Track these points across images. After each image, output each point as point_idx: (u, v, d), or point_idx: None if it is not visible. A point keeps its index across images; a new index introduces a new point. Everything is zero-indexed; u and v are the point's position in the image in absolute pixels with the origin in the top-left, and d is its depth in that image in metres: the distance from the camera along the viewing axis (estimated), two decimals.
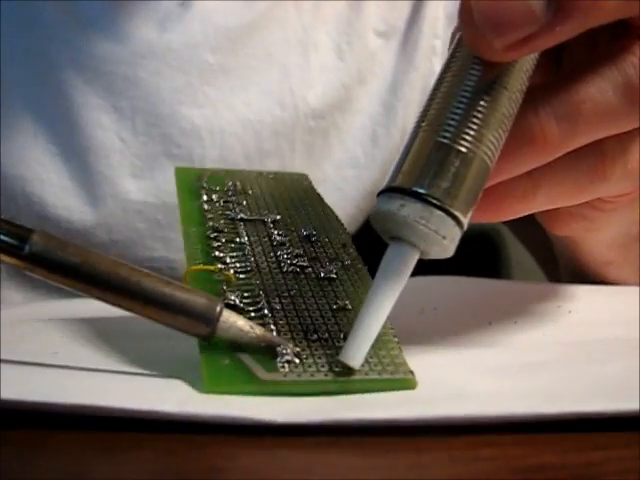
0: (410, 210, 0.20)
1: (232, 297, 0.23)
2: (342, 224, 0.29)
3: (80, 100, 0.44)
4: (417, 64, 0.49)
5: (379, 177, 0.49)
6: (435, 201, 0.20)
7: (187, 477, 0.17)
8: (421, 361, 0.22)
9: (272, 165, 0.46)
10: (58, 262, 0.21)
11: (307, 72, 0.47)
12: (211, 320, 0.21)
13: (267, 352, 0.21)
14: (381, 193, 0.21)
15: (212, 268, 0.24)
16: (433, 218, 0.20)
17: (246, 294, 0.23)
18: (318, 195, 0.31)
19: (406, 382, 0.21)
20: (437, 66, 0.49)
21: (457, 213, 0.20)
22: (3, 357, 0.23)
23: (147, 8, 0.44)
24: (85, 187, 0.44)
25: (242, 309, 0.23)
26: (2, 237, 0.21)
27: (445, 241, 0.20)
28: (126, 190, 0.44)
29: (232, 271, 0.24)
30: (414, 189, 0.20)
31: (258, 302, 0.23)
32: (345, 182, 0.49)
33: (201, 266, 0.24)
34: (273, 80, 0.47)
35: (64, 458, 0.18)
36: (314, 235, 0.27)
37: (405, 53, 0.49)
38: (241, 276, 0.24)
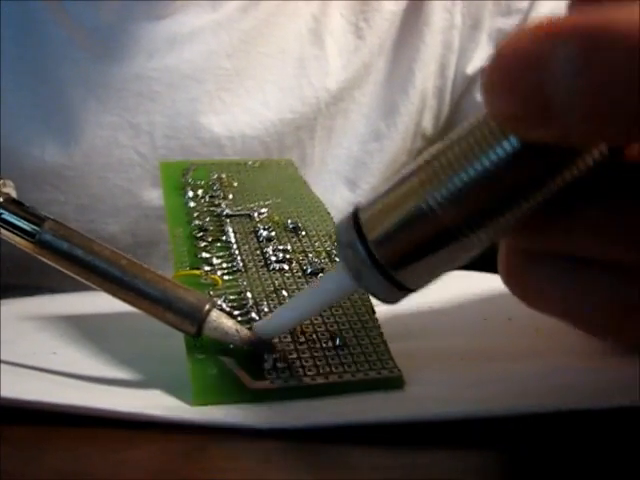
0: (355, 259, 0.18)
1: (219, 302, 0.23)
2: (328, 213, 0.29)
3: (93, 120, 0.43)
4: (430, 20, 0.47)
5: (401, 145, 0.48)
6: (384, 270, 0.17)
7: (187, 477, 0.18)
8: (414, 359, 0.22)
9: (292, 156, 0.44)
10: (64, 250, 0.22)
11: (324, 60, 0.46)
12: (197, 319, 0.22)
13: (253, 355, 0.21)
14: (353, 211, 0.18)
15: (198, 273, 0.24)
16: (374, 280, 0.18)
17: (232, 297, 0.24)
18: (304, 182, 0.31)
19: (394, 380, 0.21)
20: (458, 17, 0.47)
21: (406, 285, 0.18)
22: (3, 356, 0.23)
23: (157, 29, 0.43)
24: (105, 201, 0.44)
25: (229, 313, 0.23)
26: (18, 222, 0.23)
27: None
28: (147, 199, 0.44)
29: (219, 273, 0.24)
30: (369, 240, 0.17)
31: (245, 305, 0.23)
32: (369, 155, 0.48)
33: (187, 271, 0.24)
34: (290, 75, 0.45)
35: (64, 457, 0.18)
36: (300, 228, 0.27)
37: (419, 12, 0.47)
38: (228, 277, 0.24)
